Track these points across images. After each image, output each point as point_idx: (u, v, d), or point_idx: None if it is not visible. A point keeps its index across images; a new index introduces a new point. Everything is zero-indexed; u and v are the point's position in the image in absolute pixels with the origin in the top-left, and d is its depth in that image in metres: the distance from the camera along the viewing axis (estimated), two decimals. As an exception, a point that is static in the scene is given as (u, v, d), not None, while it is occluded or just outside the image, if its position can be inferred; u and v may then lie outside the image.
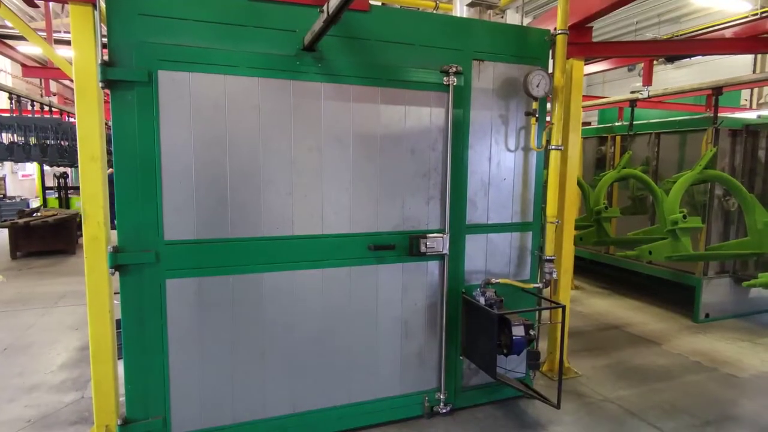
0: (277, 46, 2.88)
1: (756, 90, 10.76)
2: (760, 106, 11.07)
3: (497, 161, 3.54)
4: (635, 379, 4.22)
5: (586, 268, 7.77)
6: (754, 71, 10.37)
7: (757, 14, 7.64)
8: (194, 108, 2.75)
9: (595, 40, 4.11)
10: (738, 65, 11.12)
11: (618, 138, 6.88)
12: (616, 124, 7.65)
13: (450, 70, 3.23)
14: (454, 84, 3.26)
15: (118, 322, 2.84)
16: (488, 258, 3.61)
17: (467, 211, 3.47)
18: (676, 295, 6.30)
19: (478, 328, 3.31)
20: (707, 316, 5.71)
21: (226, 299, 2.92)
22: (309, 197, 3.05)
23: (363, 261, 3.21)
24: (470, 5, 3.68)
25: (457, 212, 3.42)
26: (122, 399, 2.86)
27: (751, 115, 7.03)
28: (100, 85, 2.60)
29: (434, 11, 5.50)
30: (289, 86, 2.94)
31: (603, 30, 14.27)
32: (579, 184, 5.82)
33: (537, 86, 3.35)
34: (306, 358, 3.14)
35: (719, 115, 4.76)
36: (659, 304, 6.40)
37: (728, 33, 4.74)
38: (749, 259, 5.27)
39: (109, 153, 2.80)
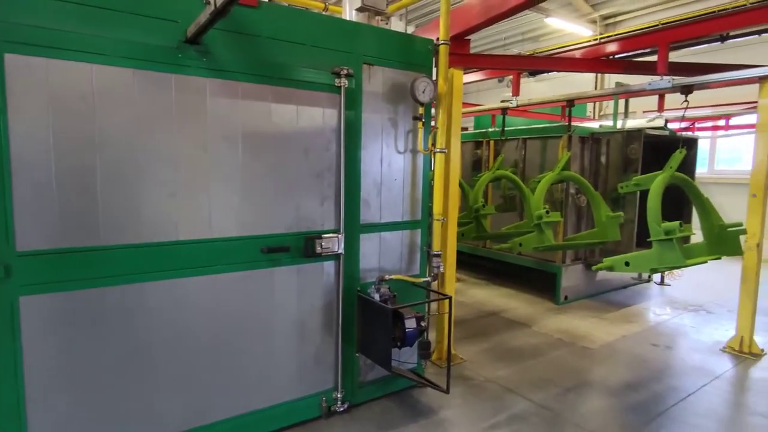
0: (155, 36, 2.65)
1: (598, 104, 12.65)
2: (601, 117, 13.04)
3: (388, 162, 3.68)
4: (512, 359, 4.71)
5: (467, 262, 8.42)
6: (596, 87, 12.18)
7: (597, 39, 9.02)
8: (54, 99, 2.42)
9: (471, 52, 4.48)
10: (584, 81, 12.97)
11: (492, 142, 7.58)
12: (490, 129, 8.42)
13: (341, 72, 3.27)
14: (346, 86, 3.31)
15: (-46, 350, 2.38)
16: (382, 256, 3.73)
17: (361, 211, 3.56)
18: (542, 281, 7.13)
19: (374, 324, 3.41)
20: (566, 298, 6.58)
21: (100, 315, 2.61)
22: (195, 199, 2.87)
23: (256, 265, 3.11)
24: (359, 10, 3.77)
25: (351, 212, 3.48)
26: (-37, 442, 2.41)
27: (594, 125, 8.25)
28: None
29: (323, 12, 5.51)
30: (170, 80, 2.73)
31: (476, 43, 15.55)
32: (459, 184, 6.29)
33: (423, 92, 3.55)
34: (198, 371, 2.95)
35: (575, 124, 5.51)
36: (529, 290, 7.20)
37: (577, 54, 5.52)
38: (597, 247, 6.18)
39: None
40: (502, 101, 7.30)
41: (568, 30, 12.42)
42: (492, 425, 3.50)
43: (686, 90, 4.32)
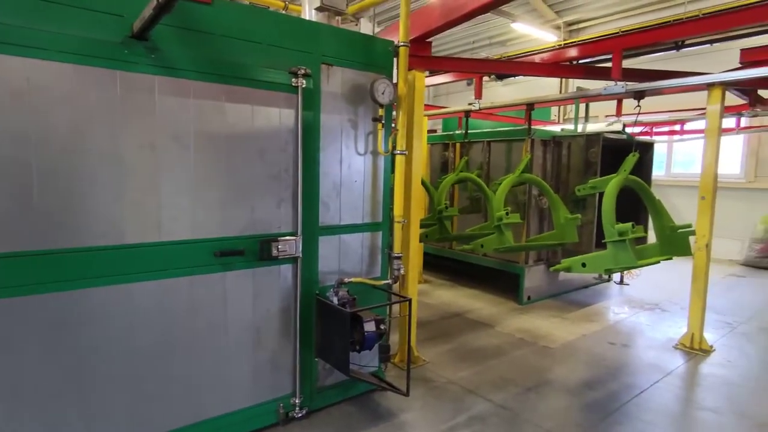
0: (98, 31, 2.54)
1: (562, 108, 12.96)
2: (565, 121, 13.35)
3: (348, 164, 3.65)
4: (474, 359, 4.74)
5: (433, 263, 8.46)
6: (560, 92, 12.46)
7: (557, 45, 9.23)
8: (-16, 95, 2.27)
9: (439, 55, 4.50)
10: (550, 86, 13.27)
11: (458, 145, 7.64)
12: (456, 132, 8.48)
13: (299, 72, 3.22)
14: (303, 86, 3.26)
15: None
16: (342, 258, 3.69)
17: (320, 213, 3.50)
18: (506, 282, 7.22)
19: (332, 328, 3.36)
20: (529, 298, 6.69)
21: (39, 323, 2.47)
22: (143, 201, 2.75)
23: (208, 269, 3.01)
24: (319, 9, 3.72)
25: (309, 214, 3.42)
26: None
27: (557, 129, 8.44)
28: None
29: (283, 11, 5.42)
30: (114, 77, 2.61)
31: (446, 46, 15.70)
32: (425, 186, 6.31)
33: (382, 93, 3.54)
34: (146, 381, 2.83)
35: (533, 127, 5.61)
36: (493, 291, 7.29)
37: (537, 58, 5.62)
38: (557, 248, 6.30)
39: None
40: (470, 104, 7.39)
41: (534, 35, 12.68)
42: (451, 427, 3.50)
43: (638, 95, 4.46)
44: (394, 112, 3.86)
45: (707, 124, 4.86)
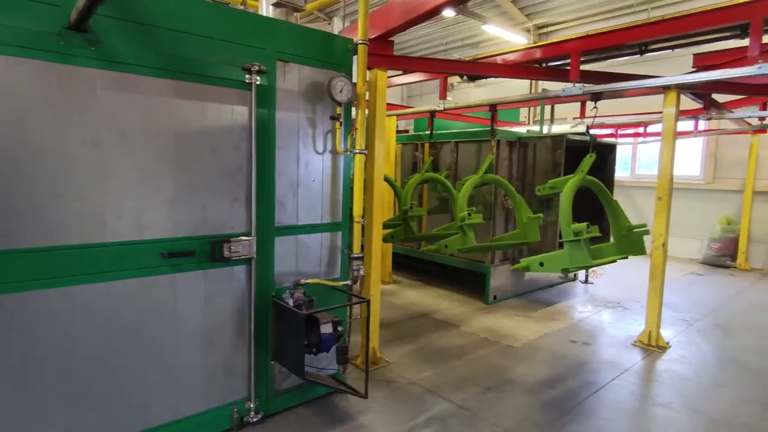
0: (33, 21, 2.41)
1: (532, 110, 13.15)
2: (535, 122, 13.56)
3: (306, 163, 3.58)
4: (437, 359, 4.73)
5: (403, 263, 8.45)
6: (530, 93, 12.65)
7: (524, 47, 9.33)
8: None
9: (414, 55, 4.48)
10: (521, 87, 13.43)
11: (426, 145, 7.64)
12: (425, 132, 8.49)
13: (252, 68, 3.14)
14: (258, 83, 3.18)
15: None
16: (299, 259, 3.62)
17: (276, 213, 3.43)
18: (473, 282, 7.27)
19: (287, 330, 3.30)
20: (495, 297, 6.74)
21: (-39, 329, 2.33)
22: (85, 199, 2.63)
23: (156, 270, 2.90)
24: (276, 5, 3.65)
25: (264, 214, 3.35)
26: None
27: (524, 130, 8.54)
28: None
29: (241, 6, 5.31)
30: (52, 70, 2.49)
31: (419, 47, 15.75)
32: (392, 186, 6.29)
33: (340, 91, 3.49)
34: (89, 388, 2.71)
35: (497, 128, 5.65)
36: (461, 291, 7.32)
37: (501, 59, 5.67)
38: (521, 248, 6.36)
39: None
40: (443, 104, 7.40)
41: (505, 38, 12.83)
42: (409, 428, 3.48)
43: (596, 97, 4.54)
44: (354, 111, 3.81)
45: (663, 127, 4.99)
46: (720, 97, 6.73)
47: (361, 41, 3.67)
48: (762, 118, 7.90)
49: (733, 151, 10.00)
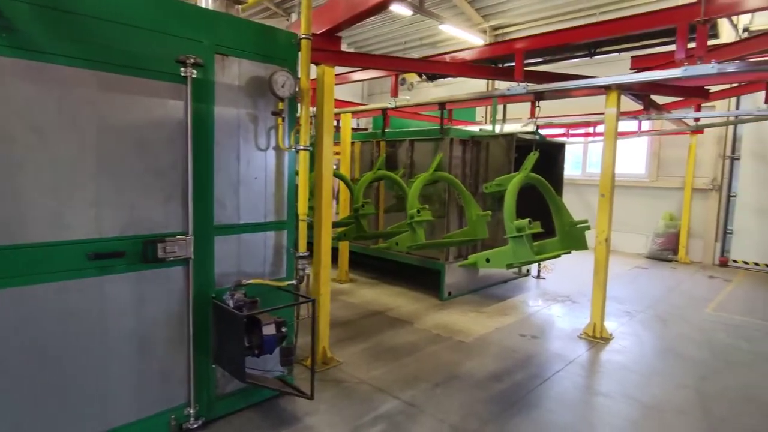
0: (-71, 3, 2.21)
1: (487, 108, 13.39)
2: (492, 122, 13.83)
3: (247, 160, 3.48)
4: (388, 357, 4.73)
5: (359, 262, 8.42)
6: (483, 92, 12.89)
7: (472, 47, 9.49)
8: None
9: (375, 53, 4.43)
10: (480, 87, 13.66)
11: (383, 143, 7.63)
12: (383, 130, 8.48)
13: (188, 61, 3.02)
14: (194, 76, 3.06)
15: None
16: (242, 259, 3.52)
17: (215, 211, 3.31)
18: (428, 279, 7.32)
19: (228, 333, 3.19)
20: (450, 294, 6.81)
21: None
22: (-2, 199, 2.45)
23: (81, 273, 2.73)
24: (215, -4, 3.52)
25: (202, 212, 3.22)
26: None
27: (476, 129, 8.69)
28: None
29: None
30: (-45, 57, 2.30)
31: (378, 45, 15.74)
32: (347, 184, 6.25)
33: (282, 86, 3.41)
34: (6, 403, 2.52)
35: (451, 126, 5.71)
36: (416, 288, 7.36)
37: (452, 57, 5.73)
38: (474, 244, 6.45)
39: None
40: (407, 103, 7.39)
41: (462, 38, 13.01)
42: (356, 427, 3.45)
43: (539, 96, 4.65)
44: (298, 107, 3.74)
45: (605, 127, 5.17)
46: (661, 99, 7.07)
47: (304, 36, 3.60)
48: (697, 119, 8.35)
49: (674, 150, 10.53)
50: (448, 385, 4.17)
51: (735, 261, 9.76)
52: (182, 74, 3.03)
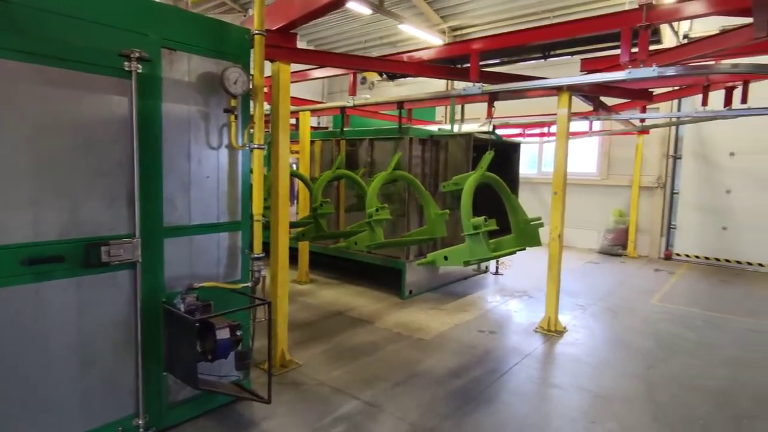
0: None
1: (446, 108, 13.57)
2: (457, 122, 14.02)
3: (199, 158, 3.36)
4: (349, 358, 4.70)
5: (320, 262, 8.33)
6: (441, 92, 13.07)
7: (429, 47, 9.61)
8: None
9: (335, 51, 4.37)
10: (439, 87, 13.82)
11: (343, 142, 7.58)
12: (344, 129, 8.43)
13: (132, 55, 2.88)
14: (139, 71, 2.92)
15: None
16: (194, 261, 3.40)
17: (165, 212, 3.18)
18: (389, 278, 7.33)
19: (179, 338, 3.08)
20: (411, 292, 6.86)
21: None
22: None
23: (15, 280, 2.56)
24: (162, -12, 3.39)
25: (150, 214, 3.09)
26: None
27: (435, 128, 8.80)
28: None
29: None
30: None
31: (339, 44, 15.66)
32: (305, 183, 6.17)
33: (234, 83, 3.31)
34: None
35: (410, 126, 5.74)
36: (377, 287, 7.36)
37: (410, 57, 5.76)
38: (430, 243, 6.50)
39: None
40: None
41: (421, 38, 13.12)
42: (315, 430, 3.41)
43: (494, 96, 4.76)
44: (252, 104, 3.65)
45: (557, 127, 5.34)
46: (609, 101, 7.38)
47: (257, 31, 3.51)
48: (642, 120, 8.79)
49: (623, 150, 11.03)
50: (408, 383, 4.20)
51: (678, 254, 10.34)
52: (126, 69, 2.89)
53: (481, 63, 6.23)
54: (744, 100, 6.31)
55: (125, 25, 2.91)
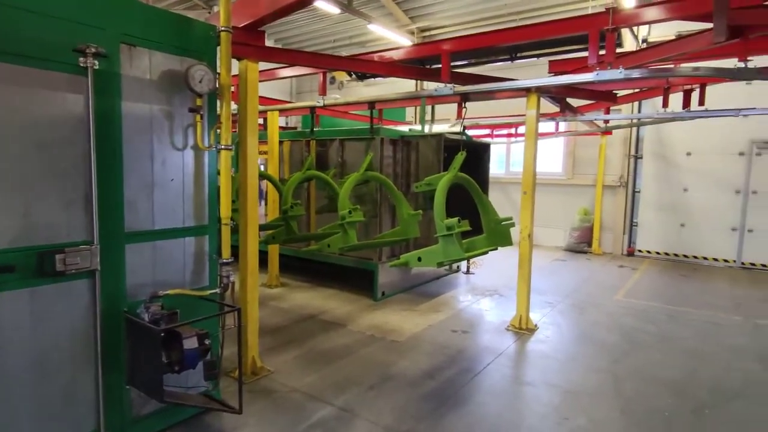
0: None
1: (416, 108, 13.62)
2: (428, 122, 14.07)
3: (162, 160, 3.21)
4: (322, 363, 4.61)
5: (291, 265, 8.18)
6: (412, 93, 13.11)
7: (398, 47, 9.61)
8: None
9: (304, 50, 4.25)
10: (409, 87, 13.84)
11: (313, 142, 7.46)
12: (314, 129, 8.30)
13: (88, 51, 2.71)
14: (96, 68, 2.76)
15: None
16: (158, 268, 3.24)
17: (126, 217, 3.02)
18: (362, 279, 7.27)
19: (143, 349, 2.92)
20: (383, 294, 6.82)
21: None
22: None
23: (-41, 291, 2.37)
24: (121, -19, 3.21)
25: (110, 218, 2.92)
26: None
27: (406, 129, 8.79)
28: None
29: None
30: None
31: (309, 42, 15.47)
32: (275, 185, 6.03)
33: (200, 82, 3.18)
34: None
35: (382, 126, 5.70)
36: (350, 289, 7.29)
37: (380, 56, 5.72)
38: (403, 244, 6.49)
39: None
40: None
41: (390, 38, 13.11)
42: (288, 439, 3.32)
43: (464, 97, 4.77)
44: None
45: (526, 127, 5.42)
46: (575, 102, 7.56)
47: (224, 28, 3.39)
48: (606, 121, 9.05)
49: (587, 150, 11.35)
50: (382, 386, 4.15)
51: (640, 251, 10.71)
52: (82, 65, 2.72)
53: (451, 64, 6.29)
54: (701, 102, 6.58)
55: (80, 19, 2.75)
